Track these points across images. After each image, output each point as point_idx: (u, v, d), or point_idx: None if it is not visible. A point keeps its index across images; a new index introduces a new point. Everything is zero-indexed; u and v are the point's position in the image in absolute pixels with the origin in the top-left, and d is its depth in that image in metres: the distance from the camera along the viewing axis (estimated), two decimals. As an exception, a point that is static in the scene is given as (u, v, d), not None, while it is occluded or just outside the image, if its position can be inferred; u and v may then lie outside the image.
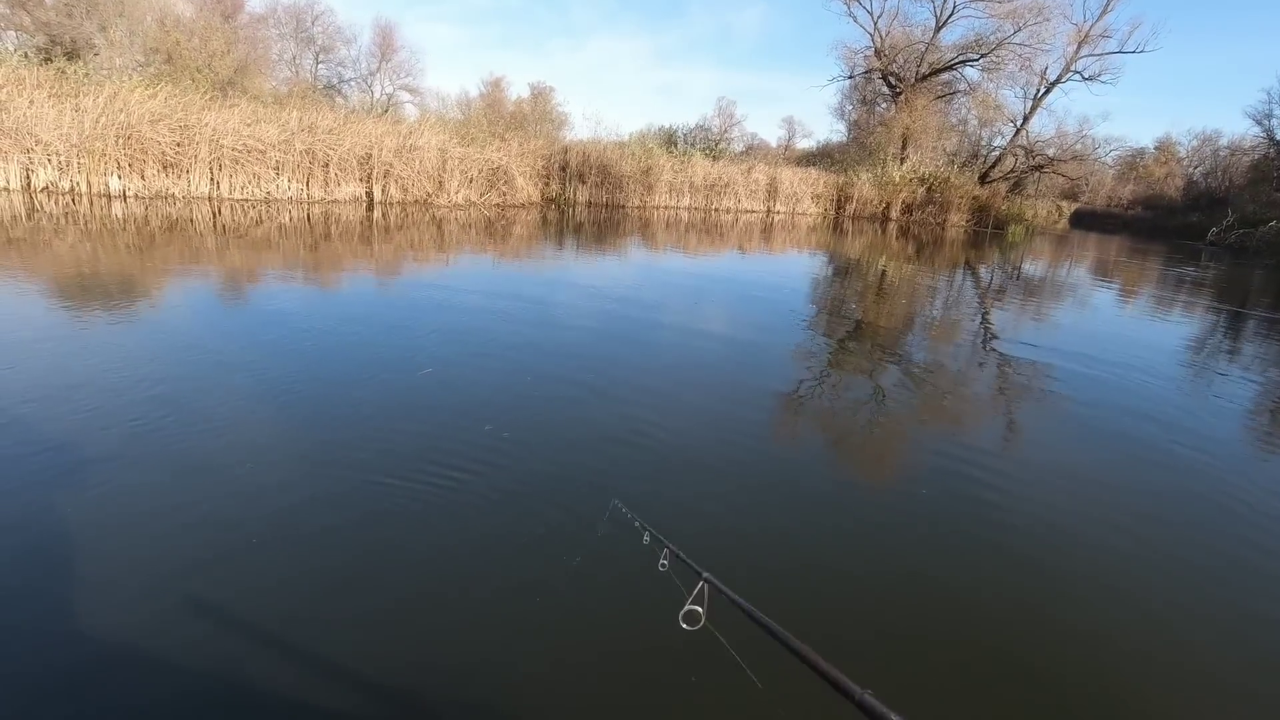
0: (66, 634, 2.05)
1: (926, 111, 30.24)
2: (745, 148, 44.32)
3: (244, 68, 27.42)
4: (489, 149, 18.26)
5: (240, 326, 5.48)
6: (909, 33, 31.67)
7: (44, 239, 8.12)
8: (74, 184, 11.74)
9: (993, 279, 13.78)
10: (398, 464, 3.26)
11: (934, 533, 3.13)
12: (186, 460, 3.12)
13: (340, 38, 39.22)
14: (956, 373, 6.10)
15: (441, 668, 2.07)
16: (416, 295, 7.36)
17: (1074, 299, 11.97)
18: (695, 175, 23.74)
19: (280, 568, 2.44)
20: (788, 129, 53.75)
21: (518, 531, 2.80)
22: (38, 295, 5.93)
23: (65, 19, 21.61)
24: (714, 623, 1.31)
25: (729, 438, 4.05)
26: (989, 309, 9.96)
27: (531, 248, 11.86)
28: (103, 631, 2.07)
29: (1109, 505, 3.61)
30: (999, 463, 4.03)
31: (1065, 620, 2.59)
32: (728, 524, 3.05)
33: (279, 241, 9.72)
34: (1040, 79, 31.62)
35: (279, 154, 13.90)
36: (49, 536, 2.48)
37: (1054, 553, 3.07)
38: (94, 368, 4.15)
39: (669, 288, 9.23)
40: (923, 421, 4.73)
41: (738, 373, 5.45)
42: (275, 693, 1.91)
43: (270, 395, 3.98)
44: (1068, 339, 8.05)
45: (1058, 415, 5.09)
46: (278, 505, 2.83)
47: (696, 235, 16.65)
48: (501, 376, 4.73)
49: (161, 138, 12.37)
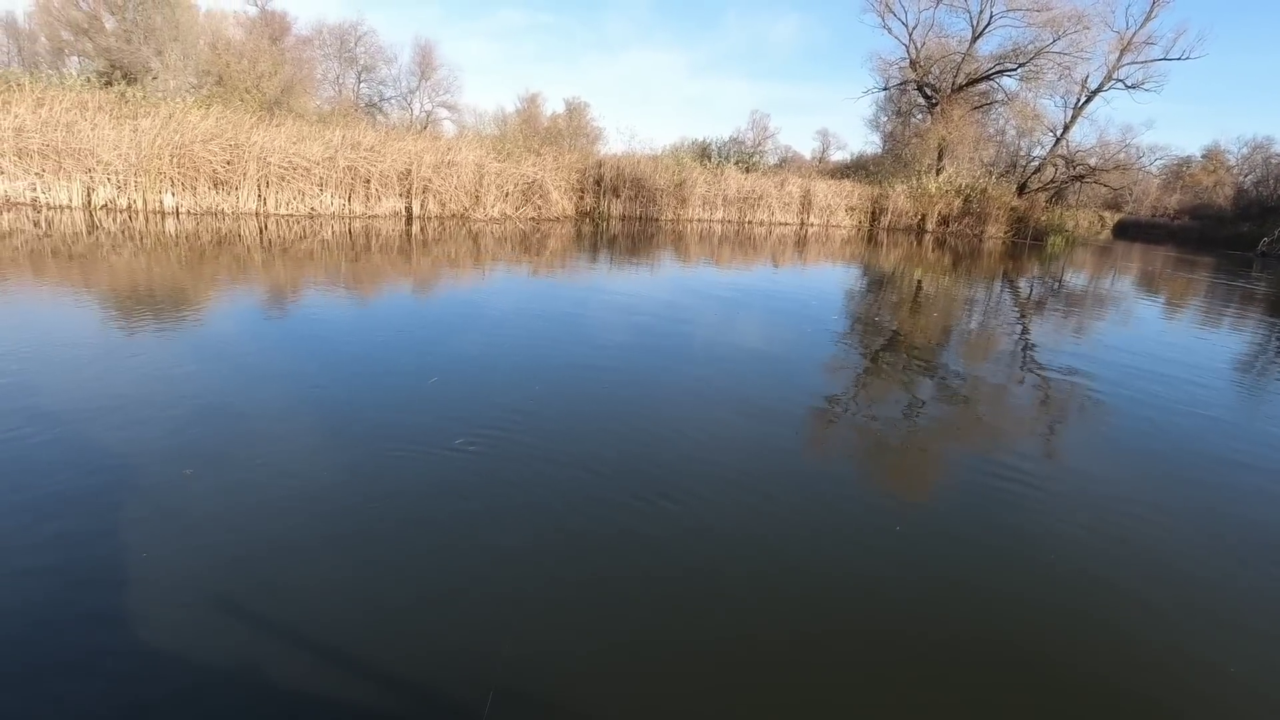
0: (114, 634, 2.19)
1: (963, 122, 29.93)
2: (779, 160, 44.30)
3: (290, 87, 28.33)
4: (524, 164, 18.59)
5: (282, 337, 5.70)
6: (945, 43, 31.45)
7: (103, 254, 8.53)
8: (131, 201, 12.27)
9: (1032, 291, 13.58)
10: (428, 470, 3.39)
11: (970, 552, 3.14)
12: (230, 466, 3.29)
13: (382, 57, 40.36)
14: (994, 387, 6.07)
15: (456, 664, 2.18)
16: (451, 308, 7.57)
17: (1117, 312, 11.75)
18: (729, 188, 23.82)
19: (322, 571, 2.56)
20: (822, 141, 53.69)
21: (557, 536, 2.91)
22: (96, 307, 6.25)
23: (124, 44, 22.62)
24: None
25: (758, 450, 4.11)
26: (1028, 322, 9.84)
27: (565, 261, 12.05)
28: (150, 633, 2.21)
29: (1152, 527, 3.57)
30: (1037, 480, 4.00)
31: (1105, 643, 2.58)
32: (757, 535, 3.11)
33: (322, 255, 10.04)
34: (1081, 87, 31.13)
35: (323, 170, 14.36)
36: (100, 538, 2.65)
37: (1093, 575, 3.04)
38: (145, 376, 4.38)
39: (701, 300, 9.31)
40: (958, 437, 4.72)
41: (768, 387, 5.49)
42: (320, 690, 2.03)
43: (310, 404, 4.16)
44: (1111, 353, 7.92)
45: (1100, 432, 5.02)
46: (316, 510, 2.97)
47: (730, 248, 16.71)
48: (530, 384, 4.86)
49: (213, 156, 12.87)
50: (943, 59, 31.52)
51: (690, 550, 2.89)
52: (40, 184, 11.52)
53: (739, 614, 2.52)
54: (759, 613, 2.53)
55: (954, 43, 31.33)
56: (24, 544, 2.54)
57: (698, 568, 2.77)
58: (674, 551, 2.87)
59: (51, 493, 2.89)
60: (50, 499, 2.84)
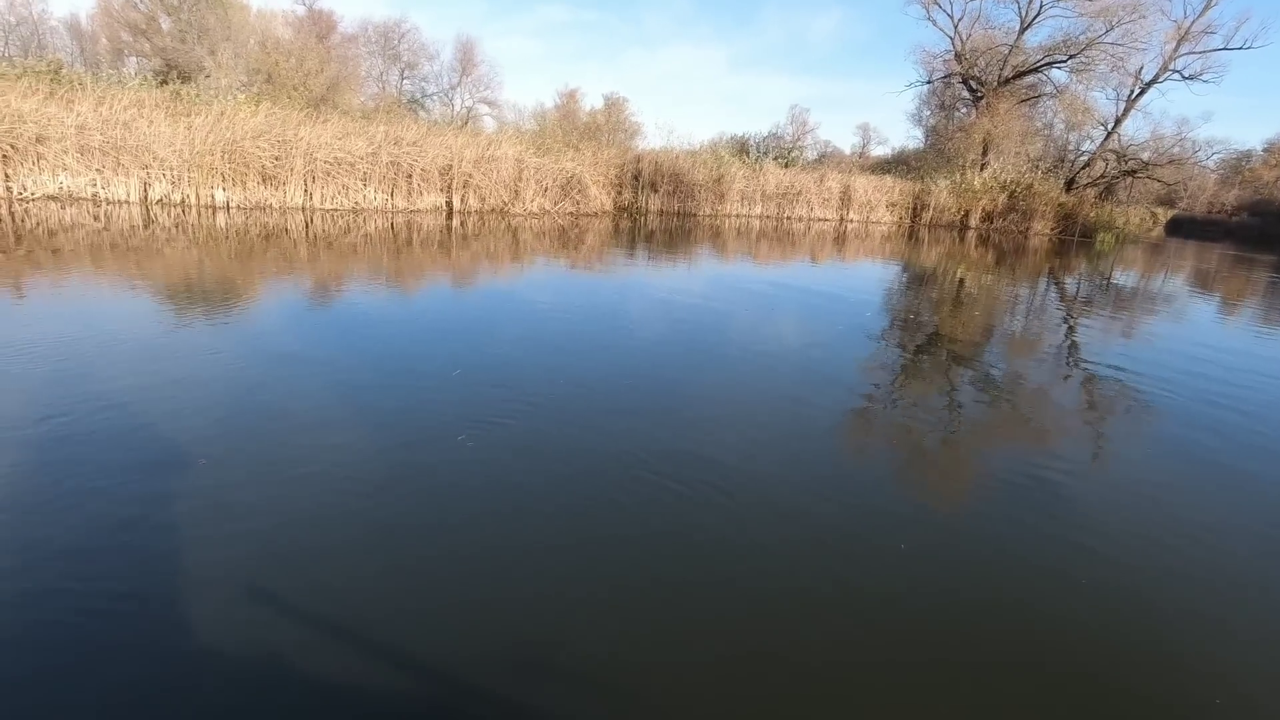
0: (160, 626, 2.29)
1: (1009, 116, 29.17)
2: (818, 155, 43.79)
3: (335, 85, 28.92)
4: (563, 159, 18.71)
5: (325, 330, 5.85)
6: (991, 35, 30.66)
7: (157, 247, 8.84)
8: (184, 196, 12.68)
9: (1079, 289, 13.23)
10: (462, 462, 3.47)
11: (1011, 558, 3.10)
12: (270, 454, 3.41)
13: (424, 54, 40.92)
14: (1038, 388, 5.94)
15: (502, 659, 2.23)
16: (489, 302, 7.68)
17: (1169, 311, 11.38)
18: (767, 183, 23.63)
19: (365, 563, 2.65)
20: (862, 136, 52.95)
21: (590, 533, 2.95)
22: (149, 299, 6.50)
23: (179, 44, 23.33)
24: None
25: (794, 449, 4.10)
26: (1074, 321, 9.60)
27: (603, 255, 12.11)
28: (194, 623, 2.30)
29: (1207, 535, 3.48)
30: (1082, 485, 3.92)
31: (1150, 655, 2.54)
32: (792, 535, 3.11)
33: (364, 249, 10.27)
34: (1134, 79, 30.09)
35: (367, 166, 14.66)
36: (142, 521, 2.77)
37: (1142, 584, 2.97)
38: (193, 365, 4.56)
39: (738, 296, 9.28)
40: (1001, 439, 4.65)
41: (805, 384, 5.47)
42: (348, 677, 2.10)
43: (348, 395, 4.28)
44: (1161, 354, 7.69)
45: (1149, 437, 4.88)
46: (351, 500, 3.06)
47: (768, 244, 16.61)
48: (565, 379, 4.91)
49: (262, 152, 13.23)
50: (989, 51, 30.74)
51: (723, 549, 2.91)
52: (100, 180, 11.98)
53: (771, 615, 2.53)
54: (792, 614, 2.54)
55: (1001, 34, 30.54)
56: (70, 524, 2.66)
57: (731, 567, 2.79)
58: (706, 550, 2.89)
59: (98, 475, 3.03)
60: (97, 481, 2.98)
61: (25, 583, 2.31)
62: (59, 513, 2.70)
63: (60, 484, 2.91)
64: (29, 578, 2.33)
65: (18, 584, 2.30)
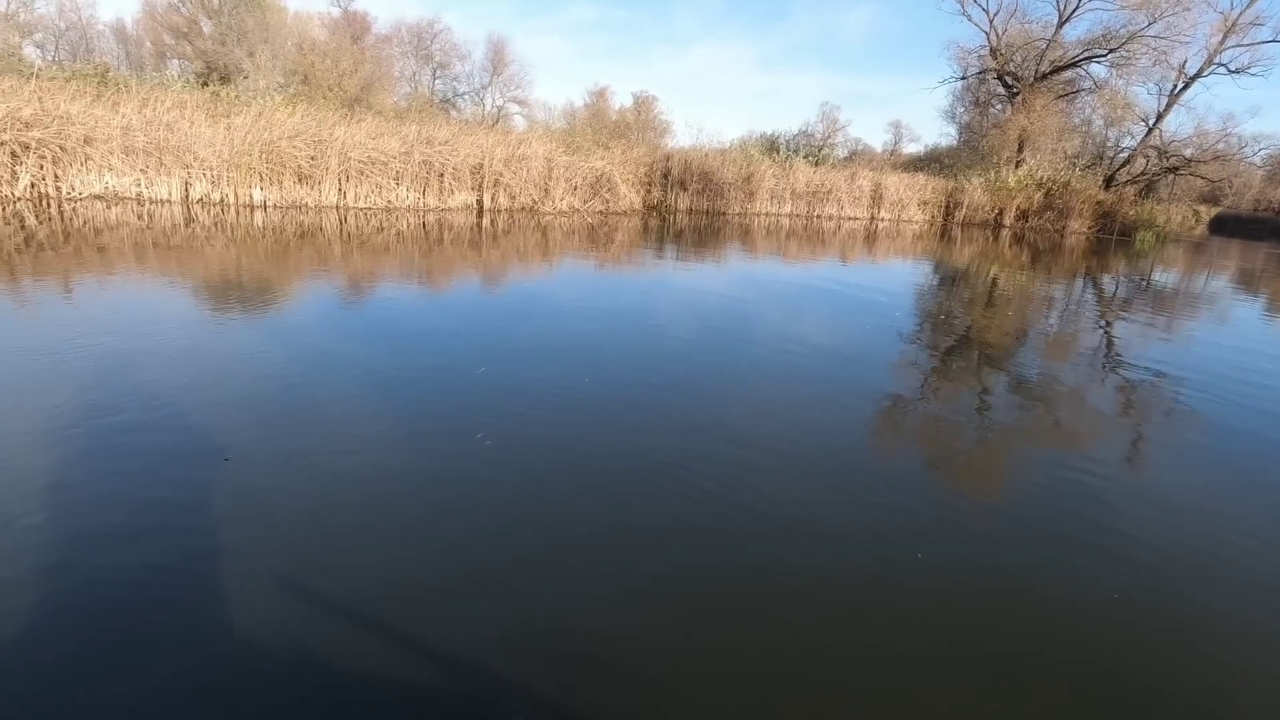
0: (196, 609, 2.36)
1: (1046, 112, 28.59)
2: (849, 153, 43.38)
3: (369, 85, 29.37)
4: (593, 157, 18.78)
5: (358, 326, 5.97)
6: (1028, 29, 30.09)
7: (197, 245, 9.08)
8: (223, 195, 12.99)
9: (1117, 289, 12.94)
10: (489, 457, 3.52)
11: (1042, 563, 3.06)
12: (301, 447, 3.49)
13: (456, 54, 41.41)
14: (1072, 390, 5.83)
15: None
16: (518, 299, 7.76)
17: (1211, 312, 11.09)
18: (797, 182, 23.46)
19: (382, 552, 2.70)
20: (894, 133, 52.35)
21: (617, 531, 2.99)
22: (189, 295, 6.69)
23: (219, 47, 23.87)
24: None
25: (822, 448, 4.09)
26: (1111, 321, 9.40)
27: (632, 254, 12.14)
28: (227, 608, 2.37)
29: (1248, 541, 3.41)
30: (1117, 491, 3.86)
31: (1185, 667, 2.50)
32: (820, 533, 3.11)
33: (396, 247, 10.43)
34: (1178, 73, 29.32)
35: (399, 165, 14.87)
36: (179, 510, 2.86)
37: (1179, 592, 2.92)
38: (229, 359, 4.69)
39: (767, 295, 9.25)
40: (1033, 442, 4.58)
41: (834, 384, 5.44)
42: (377, 669, 2.15)
43: (378, 390, 4.36)
44: (1202, 357, 7.51)
45: (1189, 443, 4.77)
46: (379, 493, 3.13)
47: (797, 242, 16.50)
48: (593, 375, 4.95)
49: (298, 152, 13.49)
50: (1025, 46, 30.17)
51: (749, 547, 2.91)
52: (144, 179, 12.32)
53: (797, 613, 2.53)
54: (819, 611, 2.54)
55: (1038, 28, 29.96)
56: (110, 511, 2.76)
57: (755, 563, 2.79)
58: (732, 547, 2.90)
59: (138, 464, 3.13)
60: (137, 471, 3.08)
61: (67, 567, 2.40)
62: (99, 500, 2.80)
63: (101, 472, 3.02)
64: (71, 562, 2.43)
65: (60, 569, 2.39)
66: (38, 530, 2.57)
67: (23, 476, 2.95)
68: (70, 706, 1.87)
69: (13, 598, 2.23)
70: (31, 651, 2.03)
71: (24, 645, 2.05)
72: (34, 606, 2.20)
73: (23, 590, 2.27)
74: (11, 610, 2.18)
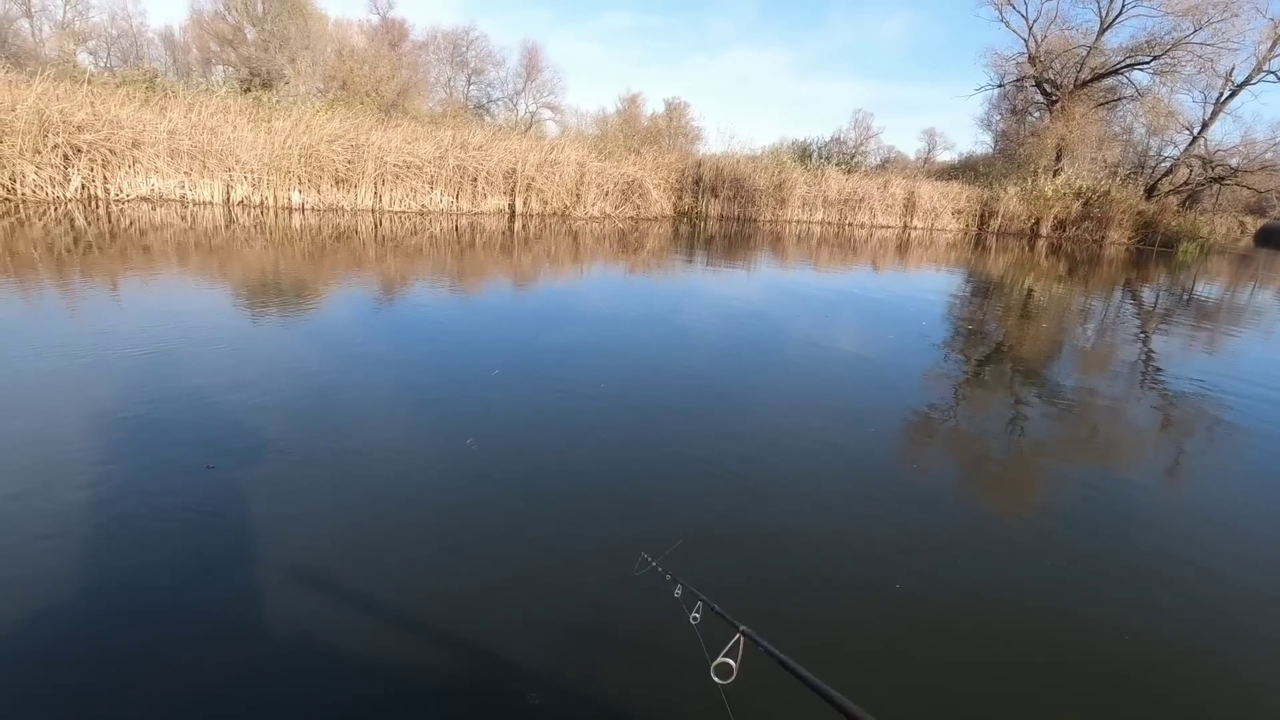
0: (226, 599, 2.41)
1: (1085, 120, 28.06)
2: (881, 161, 42.98)
3: (406, 91, 29.84)
4: (624, 163, 18.86)
5: (390, 327, 6.05)
6: (1068, 36, 29.55)
7: (238, 247, 9.30)
8: (263, 198, 13.30)
9: (1158, 302, 12.62)
10: (513, 459, 3.54)
11: (1073, 582, 3.00)
12: (333, 445, 3.54)
13: (490, 61, 41.95)
14: (1108, 407, 5.68)
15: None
16: (548, 303, 7.81)
17: (1257, 326, 10.76)
18: (829, 189, 23.31)
19: (409, 550, 2.73)
20: (928, 141, 51.80)
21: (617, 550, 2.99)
22: (229, 295, 6.85)
23: (262, 53, 24.47)
24: (748, 678, 1.27)
25: (850, 461, 4.05)
26: (1151, 334, 9.17)
27: (662, 260, 12.16)
28: (259, 599, 2.41)
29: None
30: (1152, 504, 3.77)
31: (1223, 685, 2.43)
32: (849, 547, 3.07)
33: (430, 251, 10.57)
34: (1224, 81, 28.55)
35: (434, 169, 15.10)
36: (210, 503, 2.92)
37: (1214, 610, 2.83)
38: (265, 358, 4.79)
39: (797, 303, 9.19)
40: (1067, 459, 4.47)
41: (863, 395, 5.39)
42: (399, 662, 2.18)
43: (407, 391, 4.41)
44: (1246, 372, 7.28)
45: (1230, 461, 4.63)
46: (405, 492, 3.17)
47: (829, 250, 16.37)
48: (620, 381, 4.96)
49: (336, 156, 13.77)
50: (1065, 53, 29.61)
51: (776, 558, 2.89)
52: (188, 182, 12.67)
53: (818, 621, 2.50)
54: (844, 620, 2.51)
55: (1078, 35, 29.41)
56: (144, 510, 2.83)
57: (785, 575, 2.77)
58: (757, 559, 2.88)
59: (173, 460, 3.21)
60: (171, 466, 3.15)
61: (103, 555, 2.47)
62: (137, 491, 2.88)
63: (141, 463, 3.10)
64: (107, 550, 2.49)
65: (97, 556, 2.46)
66: (69, 526, 2.65)
67: (62, 473, 3.03)
68: (100, 703, 1.92)
69: (37, 596, 2.30)
70: (59, 649, 2.09)
71: (50, 644, 2.11)
72: (62, 607, 2.27)
73: (47, 589, 2.34)
74: (36, 609, 2.24)
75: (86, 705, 1.88)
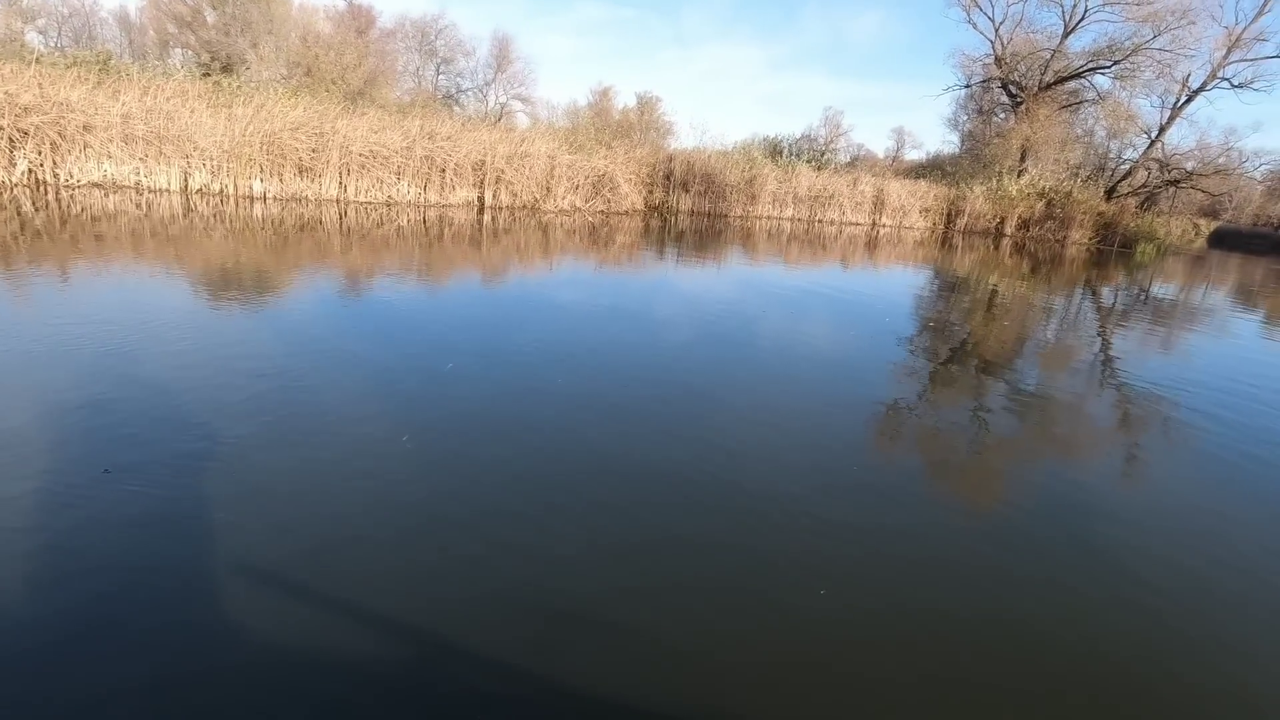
0: (193, 601, 2.31)
1: (1049, 122, 28.60)
2: (851, 158, 43.39)
3: (373, 79, 29.26)
4: (595, 157, 18.72)
5: (355, 320, 5.89)
6: (1033, 39, 30.03)
7: (196, 236, 9.01)
8: (223, 186, 12.91)
9: (1116, 301, 12.92)
10: (482, 458, 3.46)
11: (1038, 577, 3.02)
12: (303, 441, 3.43)
13: (460, 50, 41.28)
14: (1069, 404, 5.79)
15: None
16: (516, 298, 7.71)
17: (1210, 326, 11.06)
18: (799, 186, 23.43)
19: (387, 552, 2.65)
20: (896, 140, 52.41)
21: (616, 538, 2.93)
22: (186, 285, 6.61)
23: (223, 37, 23.77)
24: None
25: (818, 454, 4.04)
26: (1110, 333, 9.37)
27: (632, 254, 12.09)
28: (225, 601, 2.32)
29: (1238, 549, 3.37)
30: (1114, 499, 3.84)
31: (1188, 676, 2.46)
32: (812, 545, 3.05)
33: (396, 243, 10.36)
34: (1181, 86, 29.28)
35: (401, 160, 14.80)
36: (170, 503, 2.80)
37: (1178, 603, 2.88)
38: (225, 351, 4.62)
39: (766, 299, 9.20)
40: (1028, 456, 4.54)
41: (831, 391, 5.40)
42: (377, 664, 2.10)
43: (378, 386, 4.30)
44: (1200, 369, 7.48)
45: (1186, 458, 4.72)
46: (375, 489, 3.07)
47: (799, 247, 16.46)
48: (587, 378, 4.90)
49: (299, 144, 13.41)
50: (1030, 55, 30.11)
51: (743, 558, 2.86)
52: (143, 168, 12.24)
53: (790, 620, 2.48)
54: (811, 620, 2.49)
55: (1043, 38, 29.88)
56: (103, 501, 2.70)
57: (750, 572, 2.75)
58: (725, 558, 2.85)
59: (130, 457, 3.07)
60: (129, 463, 3.02)
61: (60, 558, 2.34)
62: (92, 490, 2.74)
63: (95, 461, 2.96)
64: (63, 553, 2.36)
65: (52, 559, 2.33)
66: (22, 527, 2.51)
67: (11, 470, 2.88)
68: (63, 705, 1.81)
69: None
70: (21, 652, 1.97)
71: (13, 647, 1.99)
72: (18, 606, 2.14)
73: (6, 590, 2.21)
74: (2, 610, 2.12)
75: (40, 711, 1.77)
